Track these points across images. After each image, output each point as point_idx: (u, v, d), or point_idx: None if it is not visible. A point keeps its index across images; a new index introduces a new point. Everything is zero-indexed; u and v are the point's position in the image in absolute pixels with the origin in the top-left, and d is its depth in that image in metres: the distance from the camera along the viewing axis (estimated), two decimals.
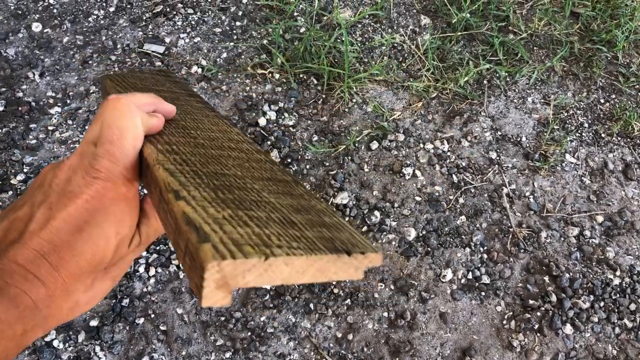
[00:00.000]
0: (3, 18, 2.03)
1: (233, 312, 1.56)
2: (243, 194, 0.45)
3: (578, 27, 2.28)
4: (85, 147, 0.47)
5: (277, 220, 0.42)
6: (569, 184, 1.91)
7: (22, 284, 0.41)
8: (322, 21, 2.15)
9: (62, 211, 0.44)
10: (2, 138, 1.77)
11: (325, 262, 0.39)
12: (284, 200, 0.47)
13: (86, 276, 0.45)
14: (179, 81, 0.76)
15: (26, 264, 0.42)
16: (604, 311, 1.68)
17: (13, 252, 0.43)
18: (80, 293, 0.46)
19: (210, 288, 0.35)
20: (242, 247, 0.36)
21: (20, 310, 0.41)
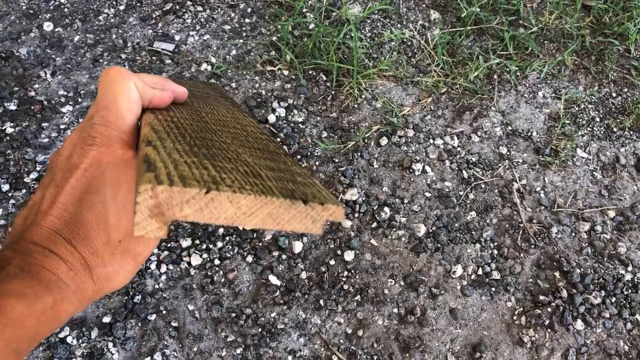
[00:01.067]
0: (15, 18, 2.05)
1: (244, 308, 1.57)
2: (219, 152, 0.43)
3: (589, 20, 2.26)
4: (85, 122, 0.48)
5: (242, 172, 0.39)
6: (580, 178, 1.90)
7: (42, 261, 0.42)
8: (331, 17, 2.15)
9: (66, 185, 0.45)
10: (15, 137, 1.79)
11: (276, 206, 0.36)
12: (261, 161, 0.44)
13: (102, 249, 0.45)
14: (219, 89, 0.73)
15: (43, 242, 0.43)
16: (616, 307, 1.67)
17: (29, 233, 0.44)
18: (100, 268, 0.46)
19: (143, 215, 0.33)
20: (185, 180, 0.34)
21: (45, 284, 0.41)
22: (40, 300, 0.40)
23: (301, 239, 1.68)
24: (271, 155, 0.47)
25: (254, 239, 1.67)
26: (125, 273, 0.48)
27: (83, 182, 0.45)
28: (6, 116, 1.83)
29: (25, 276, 0.41)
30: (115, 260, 0.46)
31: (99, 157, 0.45)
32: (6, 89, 1.88)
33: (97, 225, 0.45)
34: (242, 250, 1.65)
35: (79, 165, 0.45)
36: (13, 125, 1.81)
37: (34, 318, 0.40)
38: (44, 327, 0.41)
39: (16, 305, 0.39)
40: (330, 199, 0.39)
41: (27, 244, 0.43)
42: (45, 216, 0.44)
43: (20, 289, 0.40)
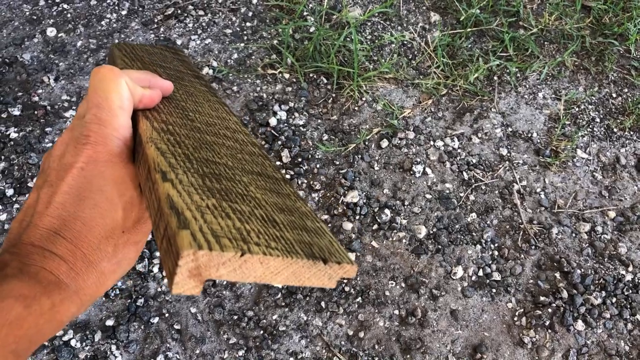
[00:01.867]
0: (19, 24, 2.07)
1: (246, 310, 1.58)
2: (230, 185, 0.45)
3: (589, 21, 2.27)
4: (75, 121, 0.48)
5: (260, 217, 0.42)
6: (580, 179, 1.91)
7: (42, 262, 0.42)
8: (331, 20, 2.17)
9: (62, 185, 0.45)
10: (19, 142, 1.81)
11: (300, 266, 0.39)
12: (269, 197, 0.46)
13: (104, 243, 0.45)
14: (186, 60, 0.75)
15: (42, 243, 0.43)
16: (616, 307, 1.68)
17: (26, 235, 0.44)
18: (104, 262, 0.46)
19: (182, 276, 0.35)
20: (220, 239, 0.36)
21: (44, 286, 0.41)
22: (38, 301, 0.40)
23: None
24: (273, 185, 0.49)
25: None
26: (128, 261, 0.48)
27: (80, 181, 0.45)
28: (10, 121, 1.84)
29: (24, 277, 0.41)
30: (119, 251, 0.47)
31: (95, 155, 0.45)
32: (10, 94, 1.90)
33: (101, 221, 0.45)
34: None
35: (74, 164, 0.45)
36: (17, 130, 1.83)
37: (32, 320, 0.40)
38: (44, 329, 0.41)
39: (14, 307, 0.39)
40: (345, 256, 0.42)
41: (25, 245, 0.43)
42: (42, 217, 0.44)
43: (19, 290, 0.39)
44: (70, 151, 0.46)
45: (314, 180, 1.80)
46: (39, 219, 0.44)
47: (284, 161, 1.82)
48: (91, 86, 0.48)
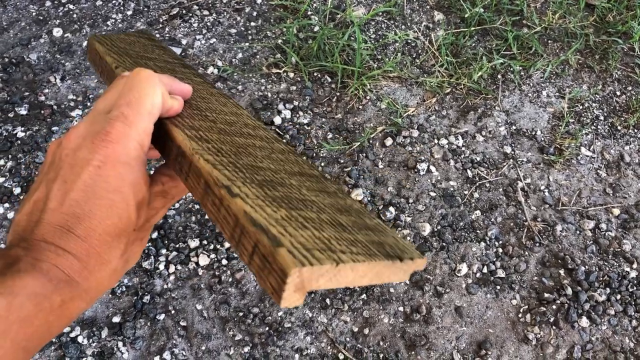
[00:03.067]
0: (25, 24, 2.09)
1: (251, 307, 1.59)
2: (287, 192, 0.46)
3: (593, 19, 2.27)
4: (97, 115, 0.47)
5: (328, 222, 0.43)
6: (584, 177, 1.91)
7: (54, 259, 0.42)
8: (335, 19, 2.18)
9: (77, 181, 0.44)
10: (26, 141, 1.82)
11: (382, 267, 0.41)
12: (323, 199, 0.48)
13: (117, 242, 0.45)
14: (164, 47, 0.73)
15: (54, 240, 0.42)
16: (621, 304, 1.68)
17: (38, 230, 0.43)
18: (116, 260, 0.46)
19: (290, 291, 0.37)
20: (313, 253, 0.38)
21: (55, 283, 0.41)
22: (49, 299, 0.41)
23: None
24: (318, 184, 0.51)
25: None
26: (135, 256, 0.49)
27: (97, 179, 0.44)
28: (17, 120, 1.86)
29: (36, 274, 0.40)
30: (129, 248, 0.48)
31: (113, 155, 0.44)
32: (17, 94, 1.92)
33: (117, 221, 0.45)
34: None
35: (91, 161, 0.44)
36: (24, 130, 1.85)
37: (42, 317, 0.40)
38: (53, 325, 0.41)
39: (26, 304, 0.39)
40: (414, 252, 0.45)
41: (37, 242, 0.42)
42: (55, 213, 0.43)
43: (32, 287, 0.40)
44: (87, 146, 0.45)
45: None
46: (52, 216, 0.43)
47: None
48: (127, 84, 0.47)
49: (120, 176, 0.45)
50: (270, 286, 0.38)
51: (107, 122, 0.45)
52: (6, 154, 1.79)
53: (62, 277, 0.42)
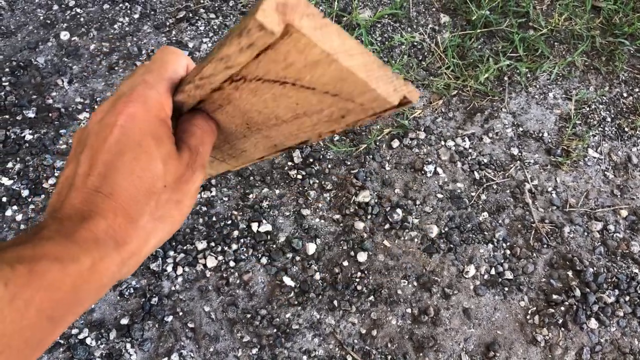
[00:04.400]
0: (33, 28, 2.10)
1: (259, 309, 1.59)
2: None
3: (599, 21, 2.27)
4: (119, 91, 0.48)
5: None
6: (592, 178, 1.91)
7: (80, 221, 0.41)
8: (342, 22, 2.18)
9: (103, 145, 0.44)
10: (34, 143, 1.83)
11: (372, 60, 0.39)
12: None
13: (145, 197, 0.44)
14: None
15: (83, 204, 0.42)
16: (630, 305, 1.67)
17: (68, 201, 0.43)
18: (145, 217, 0.44)
19: (269, 3, 0.35)
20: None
21: (80, 244, 0.40)
22: (76, 261, 0.39)
23: (314, 240, 1.70)
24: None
25: (268, 240, 1.69)
26: (171, 220, 0.47)
27: (121, 138, 0.44)
28: (25, 123, 1.87)
29: (59, 239, 0.39)
30: (160, 207, 0.46)
31: (134, 112, 0.45)
32: (25, 97, 1.92)
33: (141, 173, 0.44)
34: (256, 252, 1.68)
35: (115, 122, 0.45)
36: (32, 133, 1.85)
37: (69, 282, 0.38)
38: (83, 292, 0.39)
39: (50, 269, 0.37)
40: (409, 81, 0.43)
41: (66, 210, 0.42)
42: (83, 178, 0.43)
43: (54, 252, 0.38)
44: (111, 111, 0.46)
45: (326, 181, 1.81)
46: (80, 181, 0.43)
47: (296, 161, 1.84)
48: (152, 57, 0.49)
49: (141, 131, 0.45)
50: (251, 14, 0.36)
51: (130, 88, 0.46)
52: (14, 156, 1.80)
53: (88, 237, 0.41)
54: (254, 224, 1.72)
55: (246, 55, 0.41)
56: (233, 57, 0.42)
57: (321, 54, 0.39)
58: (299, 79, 0.43)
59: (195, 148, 0.50)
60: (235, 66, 0.43)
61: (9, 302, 0.35)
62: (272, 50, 0.40)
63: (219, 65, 0.44)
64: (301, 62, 0.40)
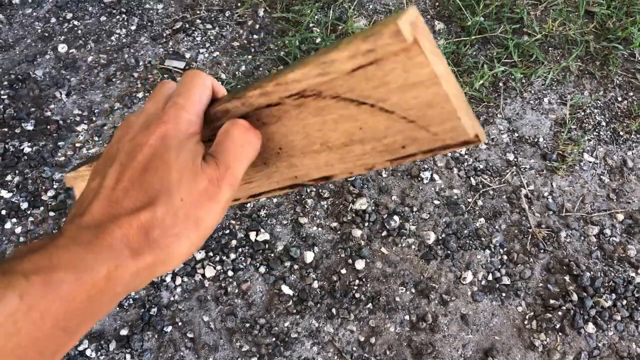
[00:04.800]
0: (31, 41, 2.12)
1: (257, 318, 1.60)
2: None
3: (593, 26, 2.28)
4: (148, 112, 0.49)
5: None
6: (587, 183, 1.92)
7: (96, 230, 0.41)
8: (337, 31, 2.20)
9: (133, 161, 0.45)
10: (33, 156, 1.84)
11: (461, 92, 0.43)
12: None
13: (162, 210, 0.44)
14: None
15: (102, 215, 0.42)
16: (627, 309, 1.68)
17: (89, 211, 0.43)
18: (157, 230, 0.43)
19: (406, 19, 0.39)
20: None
21: (96, 253, 0.40)
22: (91, 270, 0.38)
23: (312, 249, 1.71)
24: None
25: (266, 249, 1.70)
26: (186, 242, 0.45)
27: (149, 154, 0.45)
28: (24, 136, 1.88)
29: (75, 248, 0.39)
30: (178, 223, 0.44)
31: (166, 133, 0.46)
32: (23, 109, 1.94)
33: (158, 185, 0.44)
34: (254, 262, 1.69)
35: (147, 142, 0.45)
36: (30, 145, 1.87)
37: (84, 292, 0.38)
38: (97, 301, 0.39)
39: (65, 279, 0.37)
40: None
41: (87, 218, 0.42)
42: (110, 191, 0.44)
43: (69, 261, 0.38)
44: (143, 131, 0.46)
45: (323, 189, 1.82)
46: (107, 194, 0.44)
47: None
48: (180, 81, 0.50)
49: (164, 145, 0.46)
50: (388, 23, 0.39)
51: (162, 110, 0.48)
52: (13, 169, 1.81)
53: (103, 244, 0.40)
54: (252, 233, 1.73)
55: (352, 64, 0.43)
56: (338, 62, 0.43)
57: (428, 74, 0.41)
58: (383, 100, 0.45)
59: (224, 163, 0.48)
60: (332, 73, 0.44)
61: (25, 314, 0.35)
62: (375, 66, 0.42)
63: (313, 71, 0.45)
64: (399, 82, 0.42)
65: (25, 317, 0.35)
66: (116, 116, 1.95)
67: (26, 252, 0.39)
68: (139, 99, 1.99)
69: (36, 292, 0.36)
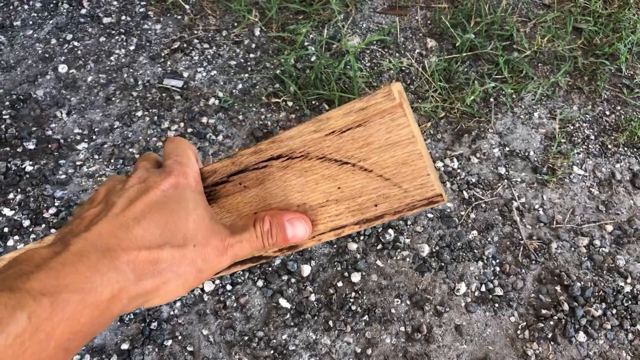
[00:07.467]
0: (32, 62, 2.16)
1: (256, 331, 1.63)
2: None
3: (581, 42, 2.34)
4: (145, 174, 0.53)
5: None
6: (577, 195, 1.96)
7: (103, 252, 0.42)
8: (331, 49, 2.25)
9: (143, 198, 0.48)
10: (34, 174, 1.88)
11: (427, 151, 0.51)
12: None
13: (171, 248, 0.47)
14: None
15: (109, 236, 0.44)
16: (617, 318, 1.72)
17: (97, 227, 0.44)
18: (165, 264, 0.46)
19: (398, 86, 0.48)
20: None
21: (102, 274, 0.41)
22: (95, 292, 0.40)
23: (309, 262, 1.75)
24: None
25: (263, 264, 1.74)
26: (184, 282, 0.49)
27: (161, 198, 0.48)
28: (25, 155, 1.92)
29: (81, 267, 0.40)
30: (182, 264, 0.48)
31: (176, 183, 0.50)
32: (25, 129, 1.98)
33: (174, 228, 0.47)
34: (252, 275, 1.72)
35: (158, 186, 0.49)
36: (32, 164, 1.90)
37: (87, 314, 0.39)
38: (97, 323, 0.41)
39: (71, 300, 0.38)
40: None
41: (94, 235, 0.44)
42: (119, 214, 0.46)
43: (76, 282, 0.39)
44: (152, 178, 0.50)
45: None
46: (116, 215, 0.46)
47: None
48: (168, 148, 0.56)
49: (181, 194, 0.51)
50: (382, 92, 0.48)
51: (167, 166, 0.53)
52: (15, 187, 1.85)
53: (110, 266, 0.42)
54: None
55: (344, 121, 0.51)
56: (333, 119, 0.51)
57: (407, 134, 0.48)
58: (364, 160, 0.51)
59: (240, 238, 0.53)
60: (326, 130, 0.52)
61: (32, 335, 0.36)
62: (362, 127, 0.50)
63: (308, 128, 0.52)
64: (381, 141, 0.50)
65: (31, 338, 0.36)
66: (116, 135, 1.99)
67: (33, 268, 0.39)
68: (138, 117, 2.03)
69: (43, 313, 0.37)
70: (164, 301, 0.48)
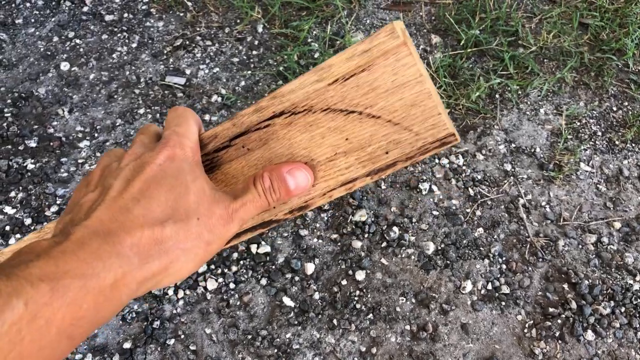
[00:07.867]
0: (34, 60, 2.15)
1: (259, 330, 1.61)
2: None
3: (587, 37, 2.32)
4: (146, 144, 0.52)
5: None
6: (584, 192, 1.94)
7: (104, 237, 0.41)
8: (335, 45, 2.23)
9: (140, 175, 0.46)
10: (36, 172, 1.87)
11: (435, 88, 0.49)
12: None
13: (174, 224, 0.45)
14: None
15: (110, 221, 0.43)
16: (625, 316, 1.69)
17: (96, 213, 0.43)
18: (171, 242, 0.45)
19: (400, 24, 0.45)
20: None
21: (104, 260, 0.40)
22: (98, 278, 0.39)
23: (313, 260, 1.73)
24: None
25: (267, 262, 1.72)
26: (194, 257, 0.48)
27: (158, 172, 0.47)
28: (27, 153, 1.91)
29: (82, 253, 0.39)
30: (188, 239, 0.47)
31: (172, 155, 0.49)
32: (27, 127, 1.97)
33: (174, 203, 0.46)
34: (256, 274, 1.70)
35: (154, 161, 0.48)
36: (34, 162, 1.89)
37: (91, 299, 0.38)
38: (103, 309, 0.40)
39: (72, 286, 0.37)
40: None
41: (94, 221, 0.43)
42: (117, 198, 0.45)
43: (77, 268, 0.38)
44: (148, 153, 0.49)
45: None
46: (114, 199, 0.45)
47: None
48: (168, 118, 0.54)
49: (179, 167, 0.49)
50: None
51: (163, 138, 0.51)
52: (17, 185, 1.84)
53: (112, 252, 0.41)
54: (253, 245, 1.75)
55: (347, 67, 0.47)
56: (335, 66, 0.48)
57: (414, 74, 0.45)
58: (371, 106, 0.49)
59: (242, 201, 0.51)
60: (329, 78, 0.48)
61: (29, 322, 0.35)
62: (366, 72, 0.47)
63: (310, 78, 0.49)
64: (387, 85, 0.47)
65: (29, 325, 0.35)
66: (118, 132, 1.98)
67: (33, 257, 0.38)
68: (140, 115, 2.02)
69: (42, 299, 0.36)
70: (177, 279, 0.47)
